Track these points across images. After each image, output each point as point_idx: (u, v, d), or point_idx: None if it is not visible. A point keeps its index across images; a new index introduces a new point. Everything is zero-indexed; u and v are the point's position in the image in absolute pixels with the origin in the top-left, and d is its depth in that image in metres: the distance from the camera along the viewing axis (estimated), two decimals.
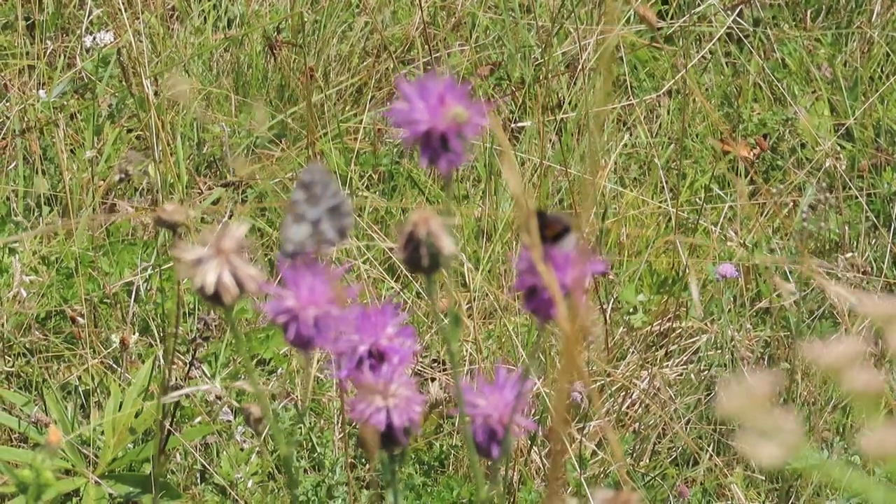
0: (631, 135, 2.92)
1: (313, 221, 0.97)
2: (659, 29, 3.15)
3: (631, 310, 2.45)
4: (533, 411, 2.09)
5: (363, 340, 0.89)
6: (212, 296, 0.87)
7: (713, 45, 3.06)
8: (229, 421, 2.15)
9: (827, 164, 2.68)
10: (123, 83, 2.74)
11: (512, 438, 0.91)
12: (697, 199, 2.71)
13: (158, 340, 2.26)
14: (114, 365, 2.22)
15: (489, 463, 0.95)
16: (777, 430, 0.64)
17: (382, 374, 0.89)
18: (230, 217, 2.63)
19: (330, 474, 1.99)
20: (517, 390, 0.92)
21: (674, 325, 2.36)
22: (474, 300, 2.27)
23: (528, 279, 0.87)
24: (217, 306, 0.87)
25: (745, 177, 2.80)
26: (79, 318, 2.26)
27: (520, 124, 2.85)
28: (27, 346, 2.28)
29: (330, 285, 0.89)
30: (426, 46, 2.96)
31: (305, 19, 2.96)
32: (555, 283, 0.82)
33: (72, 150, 2.72)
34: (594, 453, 2.12)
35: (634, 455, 2.17)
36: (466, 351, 2.21)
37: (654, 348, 2.36)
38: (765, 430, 0.64)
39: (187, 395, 2.09)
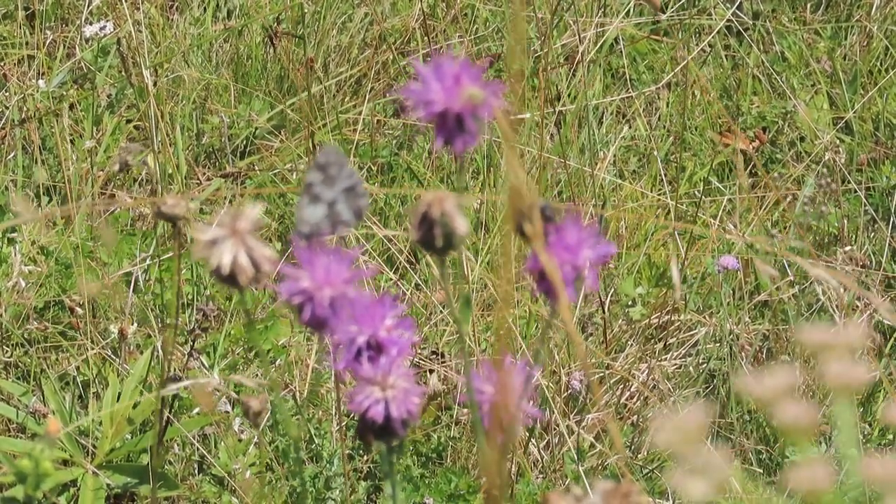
0: (630, 127, 2.92)
1: (329, 202, 0.97)
2: (658, 22, 3.15)
3: (630, 302, 2.45)
4: (531, 403, 2.09)
5: (362, 331, 0.89)
6: (227, 276, 0.87)
7: (712, 37, 3.06)
8: (227, 412, 2.15)
9: (826, 158, 2.68)
10: (123, 73, 2.73)
11: (517, 428, 0.92)
12: (696, 192, 2.71)
13: (157, 331, 2.26)
14: (112, 355, 2.22)
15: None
16: (707, 465, 0.65)
17: (381, 365, 0.89)
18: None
19: (328, 465, 1.99)
20: (524, 377, 0.92)
21: (672, 318, 2.36)
22: (473, 292, 2.27)
23: (539, 262, 0.87)
24: (232, 287, 0.87)
25: (745, 170, 2.80)
26: (77, 309, 2.26)
27: (519, 116, 2.85)
28: (25, 336, 2.28)
29: (345, 265, 0.89)
30: (426, 38, 2.96)
31: (305, 10, 2.96)
32: (558, 273, 0.82)
33: (71, 141, 2.72)
34: (592, 445, 2.12)
35: (633, 447, 2.17)
36: (465, 343, 2.21)
37: (652, 341, 2.36)
38: (696, 464, 0.65)
39: (185, 386, 2.09)
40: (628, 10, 3.10)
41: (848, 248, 2.44)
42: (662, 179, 2.69)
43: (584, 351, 2.20)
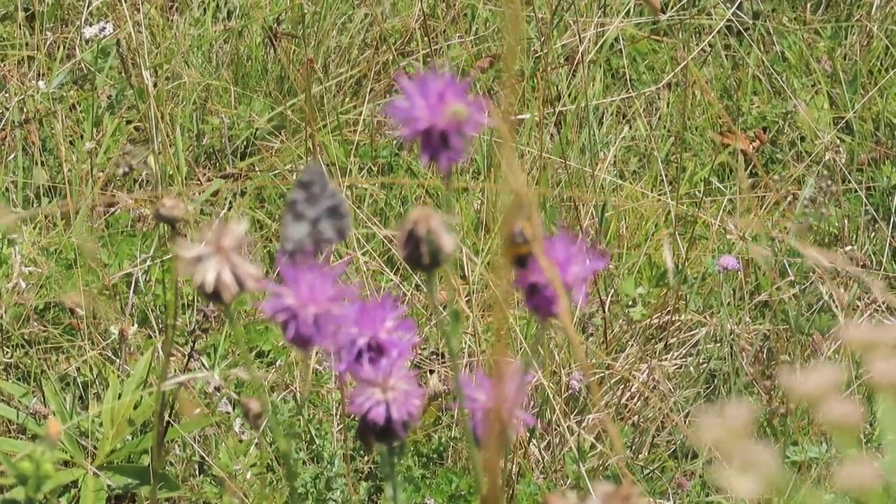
0: (630, 127, 2.92)
1: (312, 220, 0.98)
2: (658, 22, 3.14)
3: (630, 302, 2.45)
4: (532, 404, 2.09)
5: (362, 333, 0.89)
6: (211, 294, 0.87)
7: (713, 37, 3.06)
8: (228, 412, 2.15)
9: (826, 158, 2.68)
10: (123, 74, 2.73)
11: (511, 432, 0.91)
12: (697, 192, 2.71)
13: (157, 332, 2.26)
14: (112, 356, 2.22)
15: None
16: (755, 462, 0.64)
17: (381, 367, 0.89)
18: (229, 209, 2.63)
19: (328, 466, 1.99)
20: (516, 384, 0.92)
21: (673, 318, 2.36)
22: (473, 292, 2.27)
23: (528, 276, 0.87)
24: (217, 303, 0.87)
25: (745, 170, 2.80)
26: (77, 310, 2.26)
27: (519, 117, 2.85)
28: (26, 337, 2.28)
29: (330, 283, 0.89)
30: (426, 39, 2.96)
31: (305, 11, 2.96)
32: (558, 278, 0.82)
33: (71, 142, 2.72)
34: (593, 446, 2.12)
35: (633, 448, 2.17)
36: (465, 343, 2.21)
37: (653, 341, 2.36)
38: (743, 462, 0.65)
39: (186, 387, 2.09)
40: (628, 10, 3.10)
41: (848, 247, 2.44)
42: (663, 180, 2.69)
43: (584, 353, 2.20)
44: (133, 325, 2.23)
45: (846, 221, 2.59)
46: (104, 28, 2.72)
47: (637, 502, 0.73)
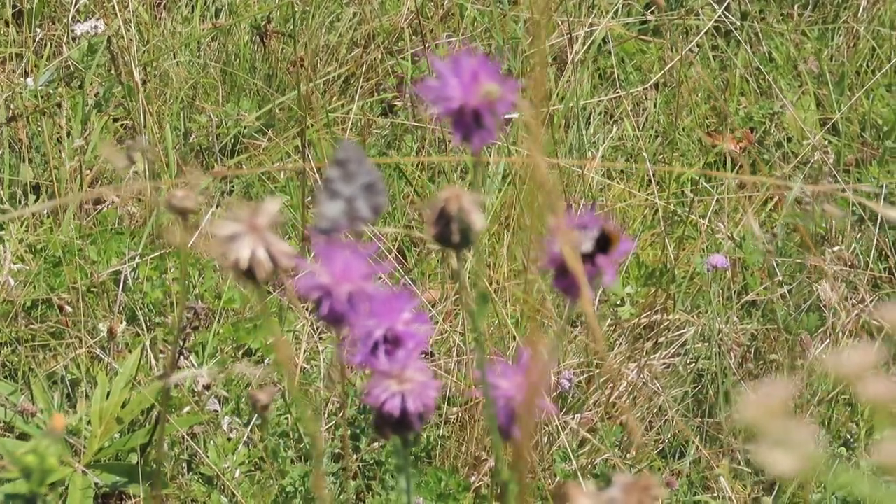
0: (618, 127, 2.92)
1: (348, 198, 0.97)
2: (647, 22, 3.15)
3: (618, 302, 2.46)
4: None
5: (379, 325, 0.89)
6: (245, 271, 0.86)
7: (700, 38, 3.06)
8: (216, 411, 2.14)
9: (814, 158, 2.69)
10: (112, 72, 2.73)
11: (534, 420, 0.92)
12: (684, 192, 2.71)
13: (146, 330, 2.25)
14: (101, 354, 2.21)
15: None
16: (792, 439, 0.65)
17: (398, 358, 0.89)
18: (217, 207, 2.62)
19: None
20: (542, 370, 0.92)
21: (661, 318, 2.36)
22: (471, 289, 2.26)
23: (560, 258, 0.87)
24: (249, 282, 0.87)
25: (732, 170, 2.81)
26: (66, 307, 2.25)
27: (507, 116, 2.85)
28: (13, 335, 2.27)
29: (363, 261, 0.88)
30: (414, 38, 2.96)
31: (295, 9, 2.96)
32: (581, 268, 0.82)
33: (58, 139, 2.71)
34: (581, 443, 2.13)
35: (621, 447, 2.17)
36: (454, 342, 2.21)
37: (641, 340, 2.37)
38: (780, 439, 0.65)
39: (176, 385, 2.08)
40: (616, 10, 3.11)
41: (836, 247, 2.45)
42: (651, 179, 2.70)
43: (603, 342, 2.20)
44: (122, 322, 2.22)
45: (833, 222, 2.59)
46: (95, 26, 2.71)
47: (657, 493, 0.73)
